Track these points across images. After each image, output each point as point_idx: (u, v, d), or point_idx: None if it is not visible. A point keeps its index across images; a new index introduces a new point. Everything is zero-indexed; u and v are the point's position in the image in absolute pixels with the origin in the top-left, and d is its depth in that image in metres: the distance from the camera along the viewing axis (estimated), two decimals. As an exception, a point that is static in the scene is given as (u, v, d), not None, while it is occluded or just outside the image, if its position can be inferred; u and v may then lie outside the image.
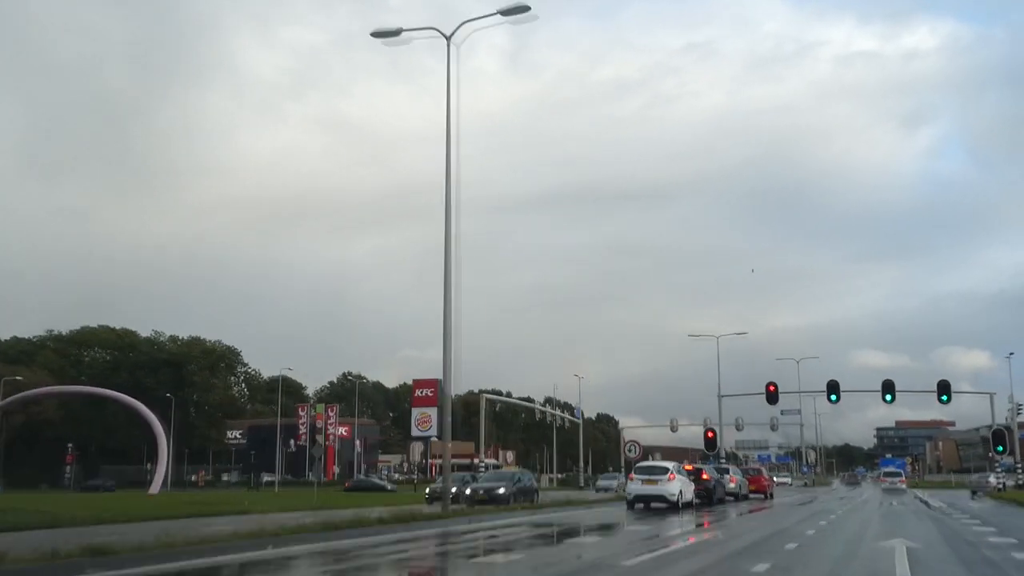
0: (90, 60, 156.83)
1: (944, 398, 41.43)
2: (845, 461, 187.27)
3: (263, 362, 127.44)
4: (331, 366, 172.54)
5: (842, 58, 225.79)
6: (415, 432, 63.12)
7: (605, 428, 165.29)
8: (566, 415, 61.32)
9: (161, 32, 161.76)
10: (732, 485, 35.81)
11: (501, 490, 32.40)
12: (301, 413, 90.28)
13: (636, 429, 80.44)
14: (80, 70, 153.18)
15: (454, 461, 31.29)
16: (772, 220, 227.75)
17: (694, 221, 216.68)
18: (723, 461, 47.29)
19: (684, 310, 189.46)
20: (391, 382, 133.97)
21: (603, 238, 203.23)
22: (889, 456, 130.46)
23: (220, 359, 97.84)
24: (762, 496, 40.19)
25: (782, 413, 73.98)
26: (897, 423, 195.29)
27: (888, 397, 42.22)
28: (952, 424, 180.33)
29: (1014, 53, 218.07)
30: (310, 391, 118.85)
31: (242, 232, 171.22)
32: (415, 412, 63.43)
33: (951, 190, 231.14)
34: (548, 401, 77.22)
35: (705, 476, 32.44)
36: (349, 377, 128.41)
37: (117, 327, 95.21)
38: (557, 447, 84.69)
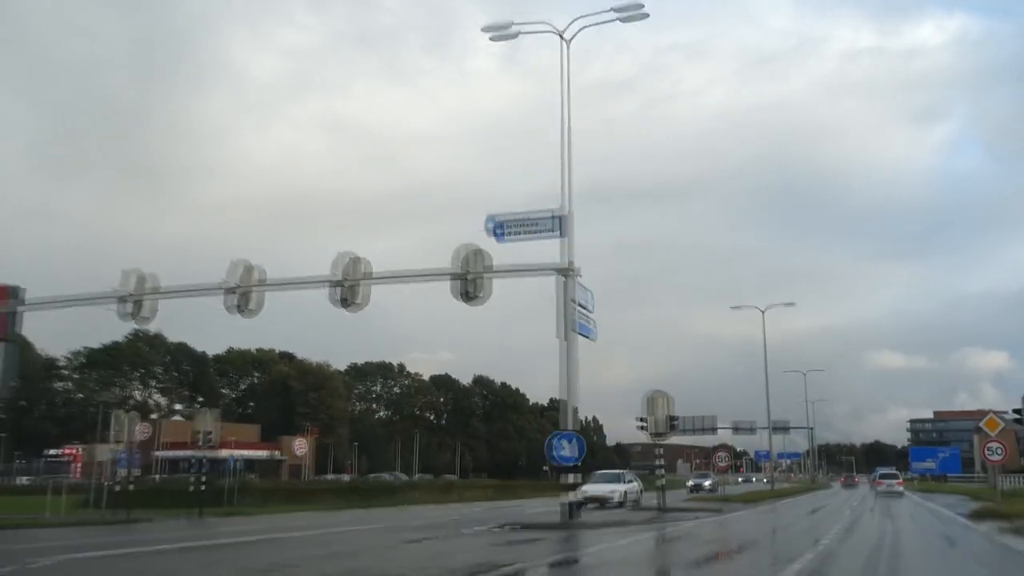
0: (92, 62, 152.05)
1: None
2: (875, 460, 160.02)
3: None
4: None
5: (849, 54, 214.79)
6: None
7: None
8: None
9: (161, 34, 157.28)
10: None
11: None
12: None
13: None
14: (83, 72, 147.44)
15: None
16: (784, 218, 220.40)
17: (703, 220, 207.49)
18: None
19: (694, 310, 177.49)
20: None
21: (610, 238, 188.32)
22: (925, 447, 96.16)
23: None
24: None
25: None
26: (936, 414, 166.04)
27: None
28: (1005, 413, 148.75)
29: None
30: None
31: (248, 233, 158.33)
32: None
33: (969, 187, 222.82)
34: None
35: None
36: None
37: None
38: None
